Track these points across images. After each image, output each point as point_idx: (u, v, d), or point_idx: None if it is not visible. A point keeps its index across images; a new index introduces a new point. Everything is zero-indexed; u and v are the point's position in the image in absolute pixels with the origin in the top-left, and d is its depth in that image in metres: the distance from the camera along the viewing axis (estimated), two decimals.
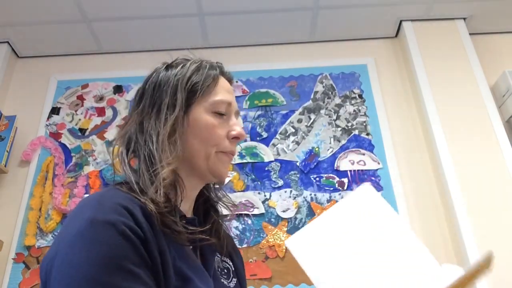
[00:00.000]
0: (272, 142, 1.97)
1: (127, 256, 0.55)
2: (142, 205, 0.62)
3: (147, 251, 0.58)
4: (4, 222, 1.81)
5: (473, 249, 1.60)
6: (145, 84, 0.79)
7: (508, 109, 1.94)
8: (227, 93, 0.77)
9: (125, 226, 0.56)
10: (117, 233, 0.55)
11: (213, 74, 0.76)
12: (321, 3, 2.03)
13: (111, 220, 0.56)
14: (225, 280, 0.77)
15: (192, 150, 0.72)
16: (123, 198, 0.61)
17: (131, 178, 0.69)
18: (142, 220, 0.59)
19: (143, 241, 0.58)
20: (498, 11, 2.12)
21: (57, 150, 1.97)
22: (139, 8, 2.00)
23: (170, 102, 0.72)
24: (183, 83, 0.73)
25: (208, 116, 0.73)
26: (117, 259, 0.54)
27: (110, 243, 0.54)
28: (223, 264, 0.80)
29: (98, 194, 0.62)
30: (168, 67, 0.78)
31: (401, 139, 1.96)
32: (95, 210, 0.57)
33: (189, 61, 0.78)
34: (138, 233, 0.57)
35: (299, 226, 1.77)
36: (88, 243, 0.54)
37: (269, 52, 2.23)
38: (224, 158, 0.75)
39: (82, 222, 0.56)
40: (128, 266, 0.54)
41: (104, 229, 0.55)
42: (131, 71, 2.16)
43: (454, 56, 2.06)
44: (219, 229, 0.81)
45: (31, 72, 2.21)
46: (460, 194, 1.71)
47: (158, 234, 0.61)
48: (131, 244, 0.56)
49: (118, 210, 0.58)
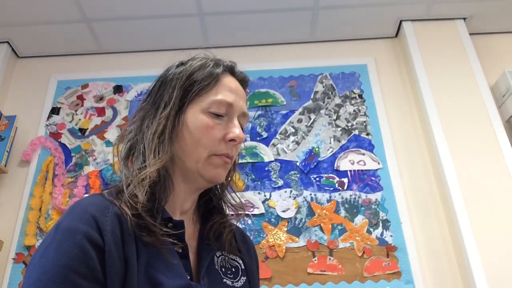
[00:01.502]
0: (272, 142, 1.97)
1: (77, 267, 0.56)
2: (117, 210, 0.62)
3: (104, 263, 0.58)
4: (4, 222, 1.81)
5: (473, 249, 1.60)
6: (155, 81, 0.77)
7: (508, 109, 1.94)
8: (230, 93, 0.73)
9: (83, 235, 0.57)
10: (74, 242, 0.57)
11: (215, 72, 0.73)
12: (321, 3, 2.03)
13: (72, 228, 0.58)
14: (229, 280, 0.75)
15: (183, 150, 0.70)
16: (96, 205, 0.62)
17: (123, 174, 0.69)
18: (108, 228, 0.60)
19: (101, 251, 0.58)
20: (498, 11, 2.12)
21: (57, 150, 1.97)
22: (139, 8, 2.00)
23: (167, 101, 0.71)
24: (182, 81, 0.72)
25: (203, 116, 0.70)
26: (66, 270, 0.55)
27: (64, 251, 0.56)
28: (231, 263, 0.78)
29: (78, 201, 0.64)
30: (180, 64, 0.76)
31: (401, 139, 1.96)
32: (65, 216, 0.61)
33: (200, 58, 0.76)
34: (97, 243, 0.58)
35: (299, 226, 1.77)
36: (48, 249, 0.57)
37: (269, 52, 2.23)
38: (217, 161, 0.71)
39: (53, 227, 0.60)
40: (74, 279, 0.55)
41: (63, 237, 0.57)
42: (131, 71, 2.17)
43: (454, 56, 2.06)
44: (221, 229, 0.78)
45: (31, 72, 2.21)
46: (460, 194, 1.71)
47: (128, 240, 0.61)
48: (84, 256, 0.56)
49: (84, 218, 0.59)
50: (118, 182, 0.71)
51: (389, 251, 1.71)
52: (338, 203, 1.81)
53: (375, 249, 1.72)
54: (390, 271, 1.67)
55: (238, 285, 0.76)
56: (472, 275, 1.56)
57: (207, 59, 0.76)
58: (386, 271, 1.67)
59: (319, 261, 1.70)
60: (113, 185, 0.71)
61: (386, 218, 1.77)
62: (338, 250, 1.72)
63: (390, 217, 1.77)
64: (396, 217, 1.77)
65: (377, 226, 1.76)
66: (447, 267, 1.69)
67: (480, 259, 1.59)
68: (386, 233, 1.74)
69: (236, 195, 0.83)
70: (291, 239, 1.75)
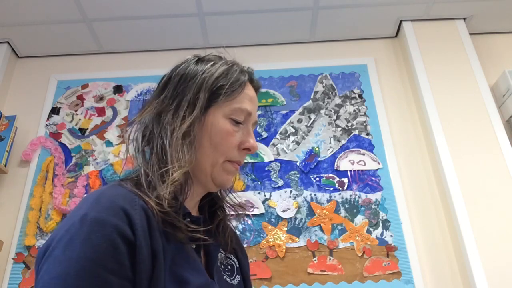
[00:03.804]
0: (272, 142, 1.97)
1: (106, 262, 0.53)
2: (143, 204, 0.60)
3: (134, 257, 0.56)
4: (4, 222, 1.82)
5: (473, 248, 1.60)
6: (171, 73, 0.75)
7: (508, 109, 1.94)
8: (250, 102, 0.74)
9: (114, 228, 0.55)
10: (103, 235, 0.54)
11: (241, 79, 0.73)
12: (321, 3, 2.03)
13: (102, 220, 0.55)
14: (228, 277, 0.76)
15: (201, 153, 0.70)
16: (123, 197, 0.59)
17: (142, 168, 0.67)
18: (138, 222, 0.57)
19: (132, 245, 0.56)
20: (498, 11, 2.12)
21: (57, 150, 1.97)
22: (139, 8, 2.00)
23: (191, 100, 0.69)
24: (209, 83, 0.70)
25: (224, 122, 0.71)
26: (95, 264, 0.52)
27: (93, 245, 0.53)
28: (227, 261, 0.80)
29: (99, 191, 0.60)
30: (199, 61, 0.75)
31: (401, 139, 1.96)
32: (90, 207, 0.56)
33: (221, 60, 0.75)
34: (128, 238, 0.55)
35: (299, 226, 1.77)
36: (73, 241, 0.54)
37: (269, 52, 2.22)
38: (230, 168, 0.72)
39: (75, 218, 0.56)
40: (103, 274, 0.52)
41: (91, 229, 0.54)
42: (131, 71, 2.17)
43: (454, 56, 2.06)
44: (225, 228, 0.80)
45: (31, 72, 2.21)
46: (460, 194, 1.71)
47: (155, 235, 0.59)
48: (114, 250, 0.54)
49: (113, 210, 0.56)
50: (133, 174, 0.69)
51: (389, 251, 1.71)
52: (338, 203, 1.81)
53: (375, 249, 1.72)
54: (390, 271, 1.67)
55: (235, 282, 0.78)
56: (472, 275, 1.56)
57: (233, 63, 0.76)
58: (386, 271, 1.67)
59: (319, 261, 1.70)
60: (128, 177, 0.69)
61: (386, 218, 1.77)
62: (338, 250, 1.72)
63: (390, 217, 1.77)
64: (396, 217, 1.77)
65: (377, 226, 1.76)
66: (447, 267, 1.69)
67: (480, 259, 1.59)
68: (386, 233, 1.74)
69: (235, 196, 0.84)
70: (291, 239, 1.75)
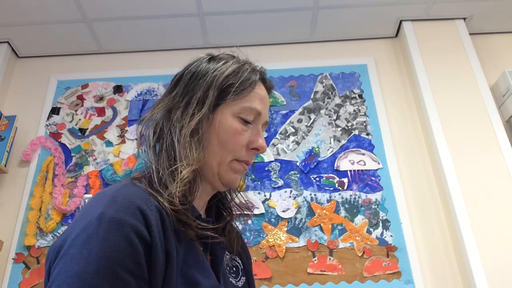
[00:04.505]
0: (272, 142, 1.97)
1: (124, 262, 0.53)
2: (158, 204, 0.60)
3: (150, 258, 0.56)
4: (4, 222, 1.82)
5: (473, 248, 1.60)
6: (184, 71, 0.75)
7: (508, 109, 1.94)
8: (260, 102, 0.74)
9: (132, 228, 0.54)
10: (121, 234, 0.54)
11: (252, 79, 0.73)
12: (321, 3, 2.03)
13: (119, 220, 0.54)
14: (233, 279, 0.76)
15: (207, 151, 0.70)
16: (139, 196, 0.59)
17: (153, 165, 0.67)
18: (154, 223, 0.57)
19: (148, 246, 0.56)
20: (498, 11, 2.12)
21: (57, 150, 1.97)
22: (139, 8, 2.00)
23: (201, 97, 0.70)
24: (218, 81, 0.70)
25: (233, 120, 0.71)
26: (113, 263, 0.52)
27: (111, 244, 0.53)
28: (233, 263, 0.80)
29: (114, 189, 0.60)
30: (211, 59, 0.75)
31: (401, 139, 1.96)
32: (107, 205, 0.56)
33: (233, 58, 0.75)
34: (145, 238, 0.55)
35: (299, 226, 1.77)
36: (91, 239, 0.53)
37: (269, 52, 2.22)
38: (237, 167, 0.72)
39: (92, 216, 0.55)
40: (121, 274, 0.52)
41: (110, 228, 0.54)
42: (131, 71, 2.16)
43: (454, 56, 2.06)
44: (231, 229, 0.80)
45: (31, 72, 2.21)
46: (460, 194, 1.71)
47: (169, 235, 0.59)
48: (132, 250, 0.54)
49: (130, 210, 0.56)
50: (144, 171, 0.69)
51: (389, 251, 1.71)
52: (338, 203, 1.81)
53: (375, 249, 1.72)
54: (390, 271, 1.67)
55: (240, 284, 0.78)
56: (472, 275, 1.56)
57: (244, 62, 0.76)
58: (386, 271, 1.67)
59: (319, 261, 1.70)
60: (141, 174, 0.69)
61: (386, 218, 1.77)
62: (338, 250, 1.72)
63: (390, 217, 1.77)
64: (396, 217, 1.77)
65: (377, 226, 1.76)
66: (447, 267, 1.69)
67: (480, 258, 1.59)
68: (386, 233, 1.74)
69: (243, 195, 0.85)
70: (291, 239, 1.75)
